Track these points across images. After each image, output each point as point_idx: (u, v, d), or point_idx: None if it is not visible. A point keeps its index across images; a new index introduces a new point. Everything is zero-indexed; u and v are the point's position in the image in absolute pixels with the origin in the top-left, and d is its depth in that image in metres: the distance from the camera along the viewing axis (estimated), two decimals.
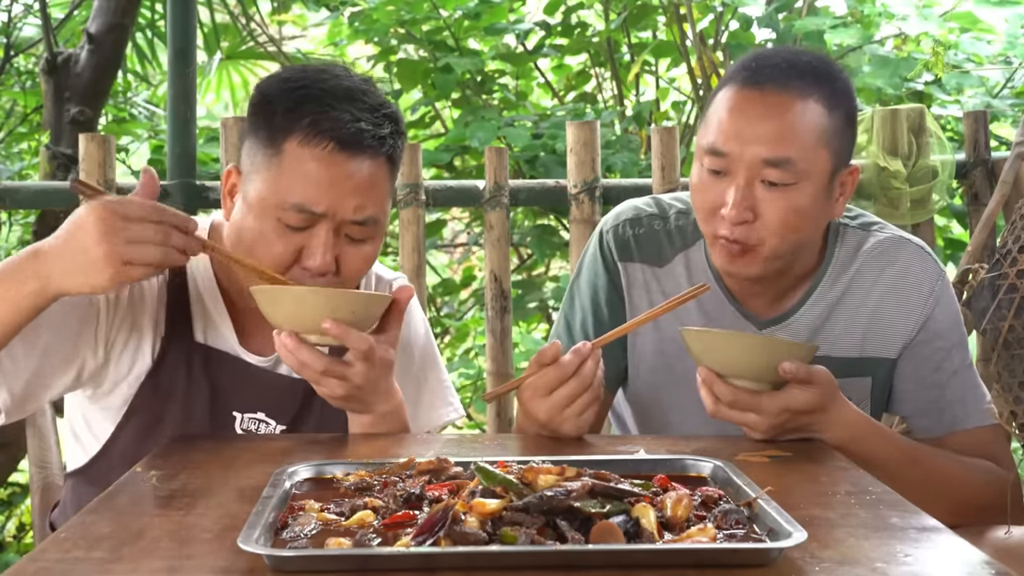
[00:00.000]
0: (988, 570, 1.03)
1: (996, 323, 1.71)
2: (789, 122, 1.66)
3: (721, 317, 1.81)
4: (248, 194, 1.61)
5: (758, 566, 1.02)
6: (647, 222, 1.87)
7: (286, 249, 1.59)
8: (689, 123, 4.23)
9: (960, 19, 3.75)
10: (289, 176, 1.57)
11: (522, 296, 3.88)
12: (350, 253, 1.62)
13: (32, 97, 4.52)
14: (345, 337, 1.50)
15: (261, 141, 1.60)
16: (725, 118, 1.68)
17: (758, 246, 1.68)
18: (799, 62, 1.71)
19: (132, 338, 1.67)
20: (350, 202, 1.58)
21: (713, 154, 1.68)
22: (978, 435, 1.79)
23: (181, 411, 1.68)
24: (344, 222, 1.59)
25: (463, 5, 3.99)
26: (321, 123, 1.56)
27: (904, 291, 1.80)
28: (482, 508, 1.06)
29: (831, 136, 1.69)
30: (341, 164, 1.57)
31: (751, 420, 1.55)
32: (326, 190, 1.56)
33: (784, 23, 3.83)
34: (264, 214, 1.58)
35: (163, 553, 1.06)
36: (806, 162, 1.66)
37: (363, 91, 1.62)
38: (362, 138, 1.58)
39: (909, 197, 2.92)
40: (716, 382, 1.54)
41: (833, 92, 1.70)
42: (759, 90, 1.68)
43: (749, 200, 1.66)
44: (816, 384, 1.54)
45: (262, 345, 1.73)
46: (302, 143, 1.57)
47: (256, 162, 1.60)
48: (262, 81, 1.69)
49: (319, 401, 1.71)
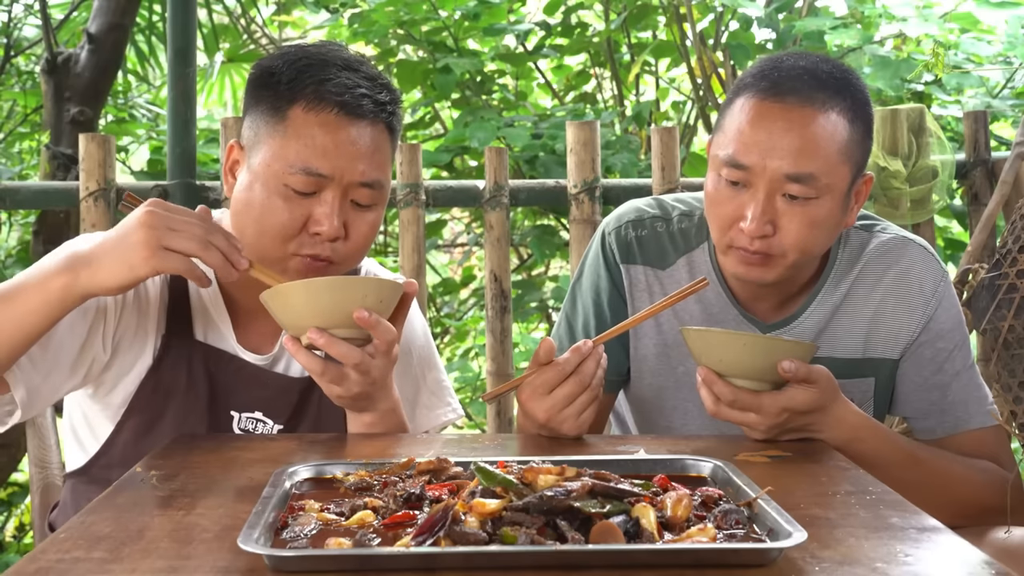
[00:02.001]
0: (988, 570, 1.03)
1: (996, 323, 1.71)
2: (812, 136, 1.64)
3: (725, 321, 1.81)
4: (253, 164, 1.63)
5: (758, 566, 1.02)
6: (649, 224, 1.87)
7: (293, 216, 1.59)
8: (689, 123, 4.24)
9: (960, 20, 3.75)
10: (295, 141, 1.59)
11: (522, 296, 3.88)
12: (357, 220, 1.63)
13: (32, 97, 4.52)
14: (376, 327, 1.49)
15: (265, 111, 1.63)
16: (746, 130, 1.66)
17: (776, 256, 1.68)
18: (819, 72, 1.68)
19: (137, 336, 1.68)
20: (356, 165, 1.60)
21: (733, 166, 1.66)
22: (980, 436, 1.78)
23: (180, 410, 1.68)
24: (351, 185, 1.61)
25: (462, 6, 3.99)
26: (325, 89, 1.60)
27: (907, 291, 1.80)
28: (482, 508, 1.06)
29: (852, 149, 1.68)
30: (345, 128, 1.60)
31: (751, 420, 1.55)
32: (332, 153, 1.59)
33: (784, 23, 3.84)
34: (271, 181, 1.60)
35: (163, 553, 1.06)
36: (828, 176, 1.65)
37: (359, 62, 1.67)
38: (364, 103, 1.62)
39: (909, 197, 2.92)
40: (716, 382, 1.54)
41: (854, 104, 1.68)
42: (781, 102, 1.65)
43: (769, 214, 1.65)
44: (816, 384, 1.54)
45: (259, 344, 1.73)
46: (306, 108, 1.60)
47: (260, 132, 1.63)
48: (260, 60, 1.72)
49: (316, 401, 1.71)
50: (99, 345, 1.64)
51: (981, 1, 3.70)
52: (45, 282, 1.47)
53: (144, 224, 1.46)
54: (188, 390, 1.68)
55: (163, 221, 1.47)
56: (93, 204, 2.87)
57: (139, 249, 1.45)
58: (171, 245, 1.46)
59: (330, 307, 1.48)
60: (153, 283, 1.69)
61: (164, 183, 2.98)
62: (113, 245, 1.47)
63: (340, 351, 1.49)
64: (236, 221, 1.65)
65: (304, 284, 1.50)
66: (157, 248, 1.45)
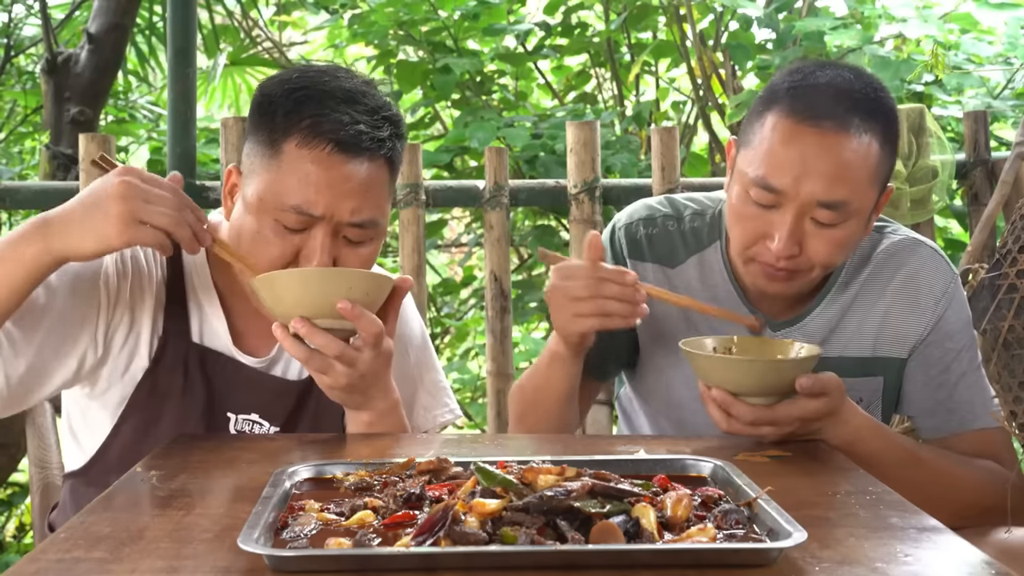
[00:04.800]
0: (988, 570, 1.03)
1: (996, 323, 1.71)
2: (845, 162, 1.63)
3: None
4: (247, 195, 1.61)
5: (758, 566, 1.02)
6: (661, 222, 1.87)
7: (284, 250, 1.59)
8: (689, 123, 4.24)
9: (959, 21, 3.75)
10: (287, 177, 1.57)
11: (522, 296, 3.88)
12: (348, 255, 1.61)
13: (32, 97, 4.52)
14: (359, 319, 1.49)
15: (261, 142, 1.60)
16: (779, 151, 1.64)
17: (802, 272, 1.69)
18: (854, 92, 1.65)
19: (131, 335, 1.67)
20: (347, 204, 1.57)
21: (764, 188, 1.65)
22: (984, 436, 1.78)
23: (177, 412, 1.68)
24: (342, 224, 1.59)
25: (462, 6, 3.99)
26: (320, 125, 1.57)
27: (916, 292, 1.80)
28: (482, 508, 1.06)
29: (881, 171, 1.68)
30: (339, 166, 1.57)
31: (764, 432, 1.55)
32: (324, 192, 1.56)
33: (784, 23, 3.83)
34: (262, 214, 1.59)
35: (163, 553, 1.06)
36: (858, 201, 1.65)
37: (363, 93, 1.62)
38: (360, 140, 1.58)
39: (909, 197, 2.92)
40: (734, 403, 1.53)
41: (886, 125, 1.67)
42: (816, 126, 1.63)
43: (797, 235, 1.65)
44: (828, 394, 1.55)
45: (256, 346, 1.73)
46: (300, 144, 1.57)
47: (255, 163, 1.61)
48: (263, 82, 1.70)
49: (313, 402, 1.71)
50: (91, 337, 1.64)
51: (981, 2, 3.70)
52: (18, 249, 1.48)
53: (120, 196, 1.46)
54: (185, 392, 1.68)
55: (139, 193, 1.47)
56: None
57: (114, 222, 1.46)
58: (146, 219, 1.47)
59: (315, 297, 1.49)
60: (149, 281, 1.69)
61: None
62: (87, 212, 1.48)
63: (321, 341, 1.50)
64: (232, 245, 1.64)
65: (289, 273, 1.53)
66: (131, 222, 1.46)
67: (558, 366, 1.74)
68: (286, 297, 1.51)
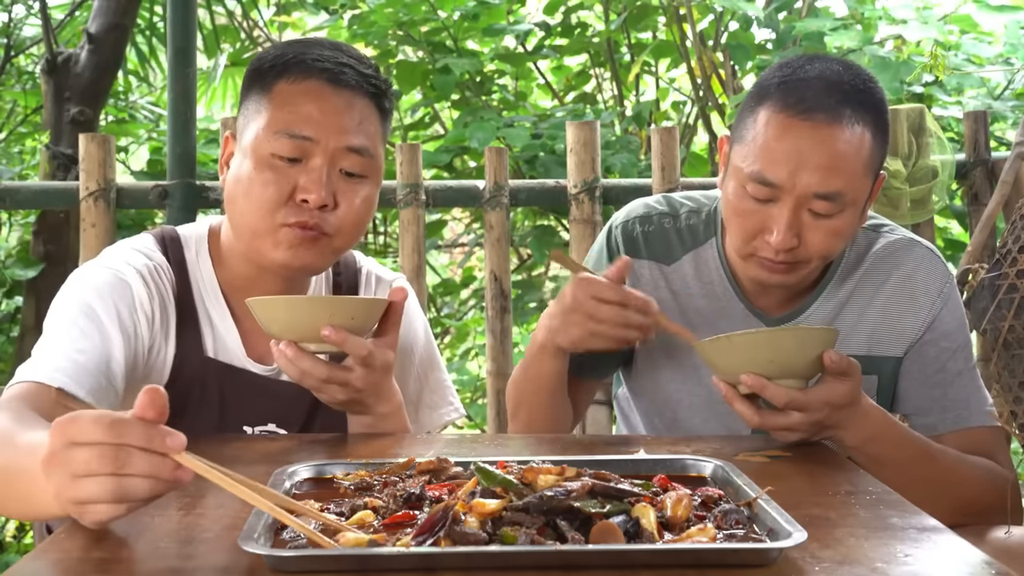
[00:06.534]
0: (988, 570, 1.03)
1: (996, 323, 1.71)
2: (839, 153, 1.64)
3: (732, 314, 1.82)
4: (243, 144, 1.65)
5: (758, 566, 1.02)
6: (657, 220, 1.88)
7: (280, 186, 1.60)
8: (689, 123, 4.24)
9: (959, 22, 3.75)
10: (280, 110, 1.62)
11: (522, 296, 3.88)
12: (347, 191, 1.63)
13: (32, 97, 4.52)
14: (344, 343, 1.50)
15: (253, 96, 1.66)
16: (773, 146, 1.65)
17: (801, 263, 1.70)
18: (844, 84, 1.66)
19: (153, 348, 1.67)
20: (342, 130, 1.62)
21: (760, 183, 1.66)
22: (980, 434, 1.79)
23: (192, 429, 1.66)
24: (338, 151, 1.61)
25: (461, 6, 3.99)
26: (308, 61, 1.64)
27: (912, 292, 1.81)
28: (482, 508, 1.06)
29: (874, 160, 1.69)
30: (329, 96, 1.63)
31: (795, 420, 1.52)
32: (317, 118, 1.61)
33: (784, 24, 3.84)
34: (258, 152, 1.62)
35: (163, 553, 1.06)
36: (853, 192, 1.66)
37: (349, 48, 1.71)
38: (348, 73, 1.64)
39: (909, 197, 2.92)
40: (768, 386, 1.50)
41: (877, 115, 1.69)
42: (808, 119, 1.64)
43: (795, 227, 1.66)
44: (851, 375, 1.53)
45: (266, 353, 1.72)
46: (291, 81, 1.63)
47: (249, 114, 1.66)
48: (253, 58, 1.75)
49: (326, 407, 1.71)
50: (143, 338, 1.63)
51: (981, 4, 3.71)
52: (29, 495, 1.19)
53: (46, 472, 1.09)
54: (200, 409, 1.67)
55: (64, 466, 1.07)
56: (93, 204, 2.88)
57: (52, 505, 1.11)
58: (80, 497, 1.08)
59: (301, 323, 1.52)
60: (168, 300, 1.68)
61: (164, 183, 2.98)
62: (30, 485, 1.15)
63: (304, 366, 1.51)
64: (229, 207, 1.67)
65: (275, 300, 1.56)
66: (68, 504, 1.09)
67: (547, 359, 1.75)
68: (276, 321, 1.54)
